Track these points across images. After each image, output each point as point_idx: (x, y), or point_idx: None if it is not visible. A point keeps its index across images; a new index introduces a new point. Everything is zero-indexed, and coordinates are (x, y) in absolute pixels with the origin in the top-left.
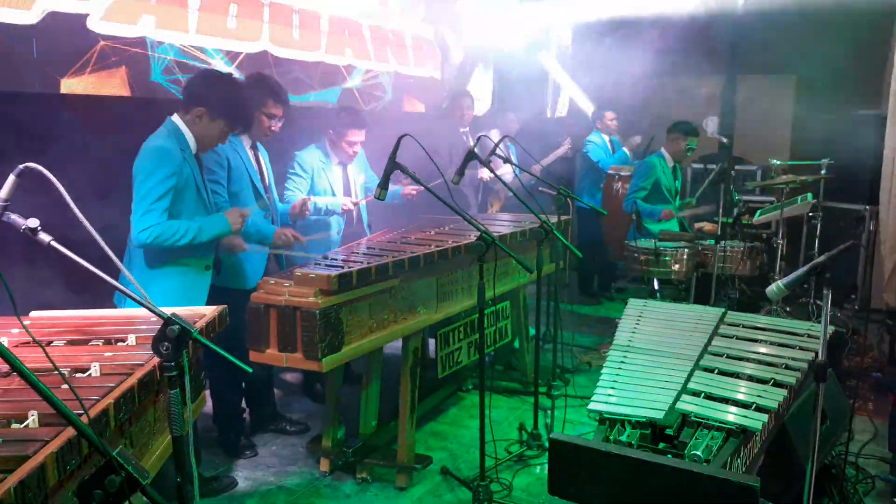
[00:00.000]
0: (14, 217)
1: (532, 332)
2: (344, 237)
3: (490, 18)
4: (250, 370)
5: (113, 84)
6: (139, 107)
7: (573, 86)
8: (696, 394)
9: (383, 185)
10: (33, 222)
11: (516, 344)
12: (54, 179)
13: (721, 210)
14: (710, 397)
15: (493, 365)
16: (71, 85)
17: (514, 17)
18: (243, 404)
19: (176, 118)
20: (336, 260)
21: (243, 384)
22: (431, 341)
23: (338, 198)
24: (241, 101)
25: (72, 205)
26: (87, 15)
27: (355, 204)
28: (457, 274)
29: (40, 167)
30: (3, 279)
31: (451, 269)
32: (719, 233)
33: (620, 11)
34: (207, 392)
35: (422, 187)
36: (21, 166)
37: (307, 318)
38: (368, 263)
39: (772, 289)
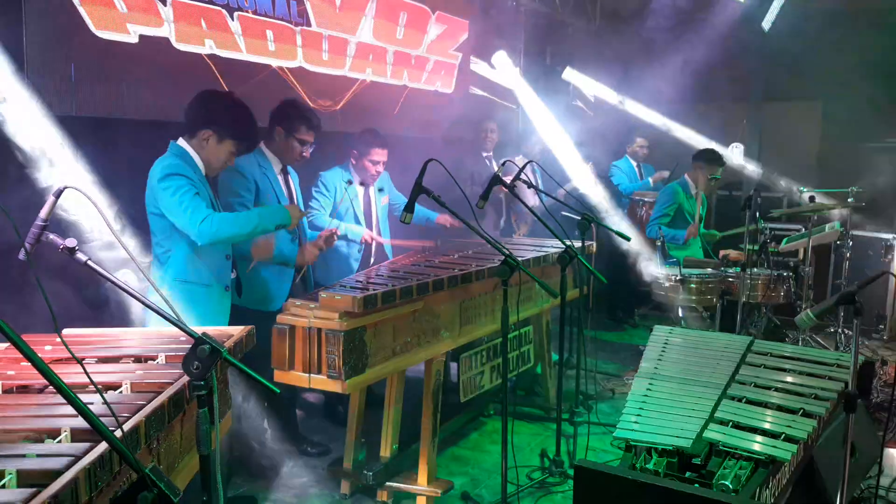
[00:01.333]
0: (53, 237)
1: (555, 357)
2: (362, 260)
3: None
4: (278, 391)
5: None
6: None
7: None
8: (723, 422)
9: (409, 209)
10: (71, 242)
11: (538, 369)
12: (93, 200)
13: (747, 238)
14: (738, 426)
15: (515, 390)
16: None
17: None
18: (265, 425)
19: (181, 142)
20: (360, 282)
21: (266, 405)
22: (453, 364)
23: (361, 228)
24: (246, 120)
25: (109, 225)
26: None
27: (373, 240)
28: (480, 298)
29: (79, 188)
30: (45, 297)
31: (475, 292)
32: (745, 260)
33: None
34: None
35: (457, 221)
36: (61, 187)
37: (331, 340)
38: (392, 286)
39: (801, 318)
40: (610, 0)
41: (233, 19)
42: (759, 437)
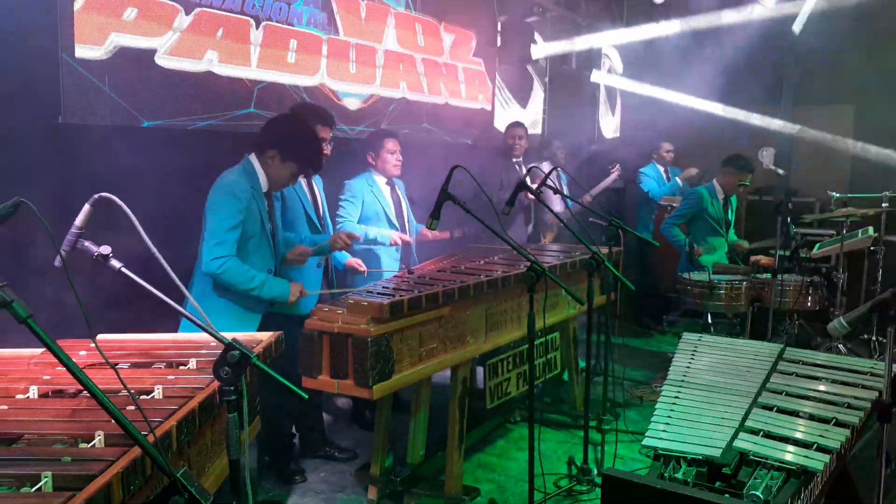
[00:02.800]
0: (87, 244)
1: (582, 364)
2: (402, 259)
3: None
4: (306, 396)
5: None
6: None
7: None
8: (754, 432)
9: (435, 216)
10: (105, 249)
11: (565, 376)
12: (127, 209)
13: (778, 243)
14: (769, 436)
15: (542, 397)
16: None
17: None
18: (293, 430)
19: (252, 158)
20: (387, 288)
21: (294, 410)
22: (479, 370)
23: (389, 231)
24: (312, 146)
25: (142, 233)
26: (154, 50)
27: (404, 241)
28: (506, 304)
29: (114, 197)
30: (80, 303)
31: (501, 299)
32: (776, 266)
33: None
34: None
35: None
36: (96, 196)
37: (359, 346)
38: (419, 292)
39: (834, 325)
40: (637, 7)
41: (258, 28)
42: (790, 447)
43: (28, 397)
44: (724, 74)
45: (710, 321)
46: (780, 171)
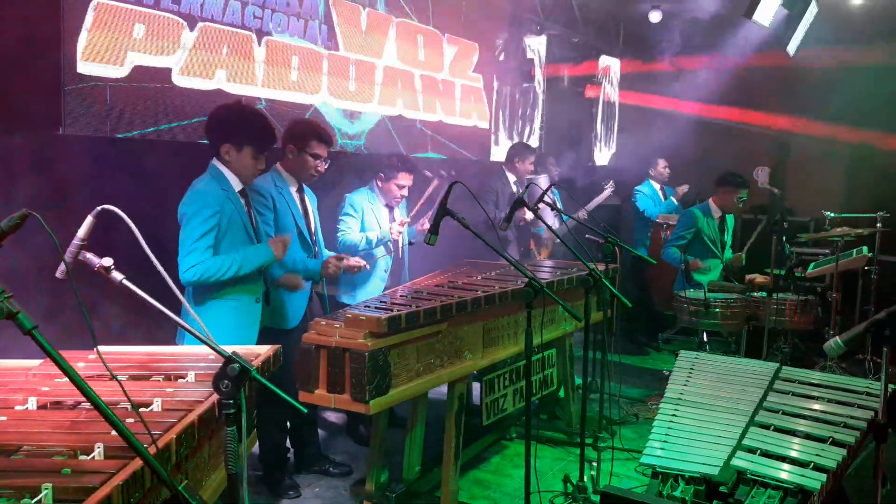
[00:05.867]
0: (89, 256)
1: (578, 381)
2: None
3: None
4: (305, 411)
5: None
6: None
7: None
8: (751, 450)
9: (434, 231)
10: (107, 261)
11: (561, 393)
12: (129, 221)
13: (773, 262)
14: (766, 454)
15: (538, 414)
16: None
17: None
18: (287, 443)
19: (214, 161)
20: (384, 302)
21: (288, 423)
22: (476, 385)
23: (385, 230)
24: (255, 120)
25: (144, 245)
26: (169, 69)
27: (402, 224)
28: (504, 320)
29: (116, 209)
30: (85, 314)
31: (498, 314)
32: (772, 285)
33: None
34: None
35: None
36: (98, 208)
37: (356, 360)
38: (416, 307)
39: (829, 345)
40: (633, 26)
41: (260, 45)
42: (787, 466)
43: (27, 409)
44: (723, 87)
45: (705, 339)
46: (776, 190)
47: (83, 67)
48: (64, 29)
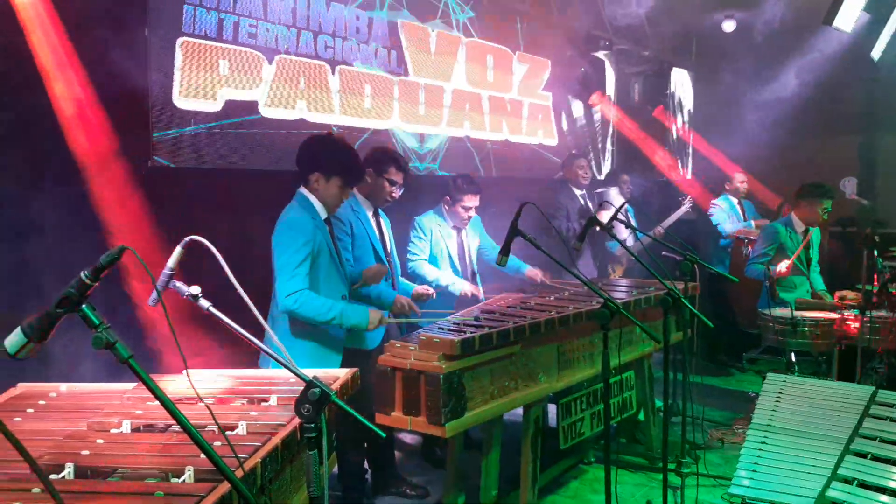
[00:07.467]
0: (178, 285)
1: (659, 403)
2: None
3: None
4: (384, 435)
5: None
6: None
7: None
8: (847, 481)
9: (504, 252)
10: (195, 289)
11: (641, 416)
12: (216, 252)
13: (864, 277)
14: (863, 485)
15: (617, 437)
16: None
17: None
18: (365, 465)
19: (302, 189)
20: (457, 324)
21: (366, 445)
22: (551, 406)
23: (465, 283)
24: (345, 153)
25: (229, 274)
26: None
27: (473, 295)
28: (578, 341)
29: (204, 240)
30: (176, 340)
31: (573, 336)
32: (864, 302)
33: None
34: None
35: (548, 276)
36: (187, 238)
37: (431, 383)
38: (490, 329)
39: None
40: (708, 39)
41: (334, 74)
42: (886, 498)
43: (121, 431)
44: (801, 102)
45: (793, 360)
46: (864, 202)
47: (182, 103)
48: (150, 67)
